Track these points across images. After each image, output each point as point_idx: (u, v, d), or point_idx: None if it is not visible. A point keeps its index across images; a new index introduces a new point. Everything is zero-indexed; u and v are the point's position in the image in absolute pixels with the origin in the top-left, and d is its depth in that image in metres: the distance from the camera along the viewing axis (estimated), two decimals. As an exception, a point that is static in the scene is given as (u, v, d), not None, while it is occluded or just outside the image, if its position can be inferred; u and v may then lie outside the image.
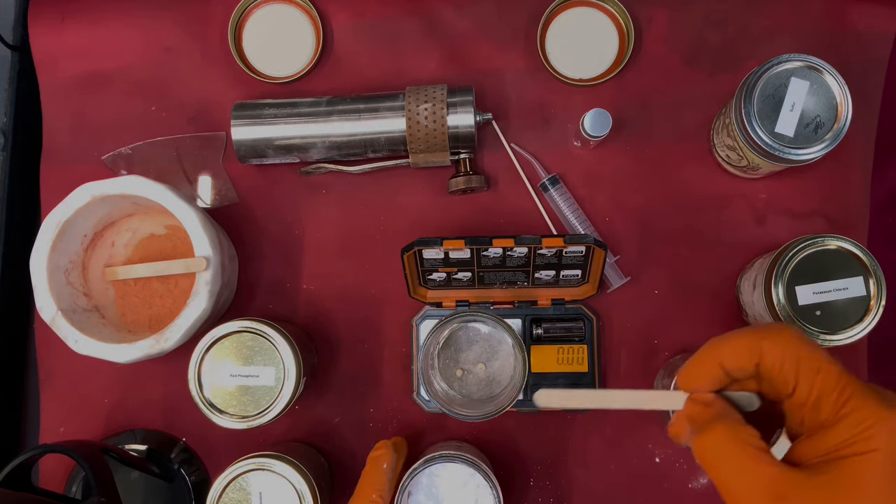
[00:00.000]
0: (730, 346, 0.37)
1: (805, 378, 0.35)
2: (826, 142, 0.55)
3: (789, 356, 0.36)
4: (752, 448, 0.35)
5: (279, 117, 0.63)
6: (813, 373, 0.35)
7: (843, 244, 0.54)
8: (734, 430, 0.36)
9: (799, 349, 0.36)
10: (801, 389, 0.35)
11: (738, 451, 0.35)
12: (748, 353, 0.36)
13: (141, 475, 0.61)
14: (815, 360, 0.35)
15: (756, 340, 0.36)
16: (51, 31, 0.68)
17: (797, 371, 0.35)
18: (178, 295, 0.63)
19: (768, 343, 0.36)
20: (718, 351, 0.37)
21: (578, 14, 0.66)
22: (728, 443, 0.35)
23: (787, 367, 0.36)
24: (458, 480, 0.55)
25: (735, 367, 0.37)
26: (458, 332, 0.61)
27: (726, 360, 0.37)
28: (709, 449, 0.36)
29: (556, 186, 0.65)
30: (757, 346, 0.36)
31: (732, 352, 0.37)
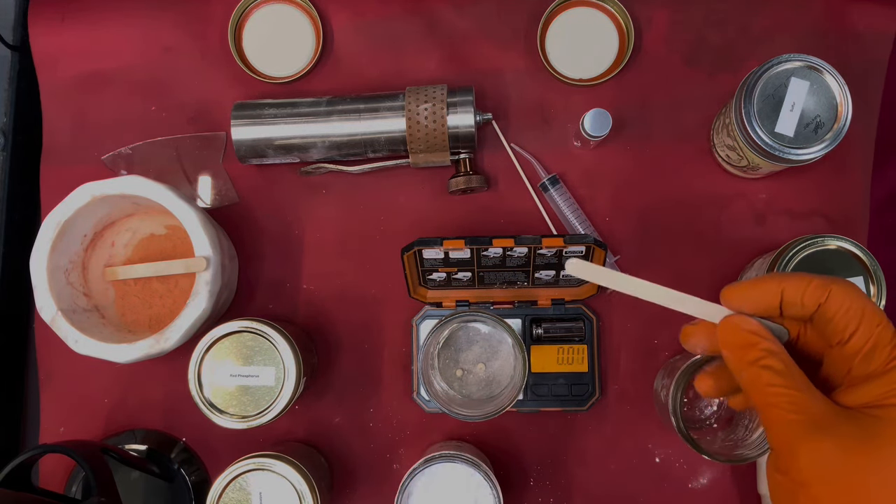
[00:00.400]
0: (799, 279, 0.37)
1: (866, 327, 0.36)
2: (826, 142, 0.55)
3: (856, 304, 0.36)
4: (804, 380, 0.36)
5: (279, 117, 0.63)
6: (874, 324, 0.36)
7: (843, 244, 0.54)
8: (789, 365, 0.36)
9: (865, 301, 0.37)
10: (858, 337, 0.36)
11: (791, 383, 0.35)
12: (818, 290, 0.37)
13: (141, 475, 0.61)
14: (878, 315, 0.36)
15: (827, 282, 0.37)
16: (51, 31, 0.68)
17: (860, 319, 0.36)
18: (178, 295, 0.63)
19: (839, 287, 0.37)
20: (785, 280, 0.37)
21: (578, 14, 0.66)
22: (784, 375, 0.36)
23: (852, 314, 0.36)
24: (458, 480, 0.55)
25: (796, 300, 0.37)
26: (458, 332, 0.61)
27: (790, 290, 0.37)
28: (765, 381, 0.36)
29: (556, 186, 0.65)
30: (827, 287, 0.37)
31: (800, 285, 0.37)
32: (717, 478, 0.63)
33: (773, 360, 0.36)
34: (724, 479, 0.63)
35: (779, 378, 0.36)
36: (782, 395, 0.35)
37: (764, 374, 0.36)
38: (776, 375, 0.36)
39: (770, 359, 0.36)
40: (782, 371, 0.36)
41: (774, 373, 0.36)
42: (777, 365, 0.36)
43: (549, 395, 0.63)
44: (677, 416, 0.54)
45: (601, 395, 0.64)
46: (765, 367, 0.36)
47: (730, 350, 0.38)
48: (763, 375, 0.36)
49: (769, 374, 0.36)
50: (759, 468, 0.62)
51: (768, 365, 0.36)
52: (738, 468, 0.63)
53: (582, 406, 0.63)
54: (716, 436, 0.58)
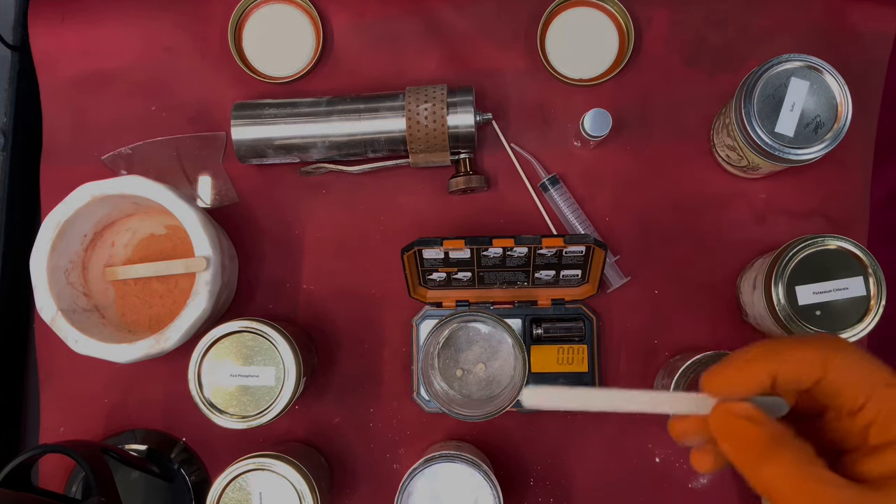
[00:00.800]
0: (790, 356, 0.34)
1: (877, 395, 0.33)
2: (826, 142, 0.55)
3: (860, 372, 0.33)
4: (823, 471, 0.32)
5: (279, 117, 0.63)
6: (883, 388, 0.33)
7: (843, 244, 0.54)
8: (801, 454, 0.32)
9: (868, 365, 0.33)
10: (870, 407, 0.33)
11: (810, 477, 0.32)
12: (815, 365, 0.33)
13: (141, 475, 0.61)
14: (884, 375, 0.33)
15: (822, 354, 0.33)
16: (51, 31, 0.68)
17: (868, 389, 0.33)
18: (178, 295, 0.63)
19: (837, 359, 0.33)
20: (775, 360, 0.34)
21: (578, 14, 0.66)
22: (799, 470, 0.32)
23: (858, 384, 0.33)
24: (458, 480, 0.55)
25: (792, 379, 0.34)
26: (458, 332, 0.61)
27: (783, 370, 0.34)
28: (778, 479, 0.32)
29: (556, 186, 0.65)
30: (823, 360, 0.33)
31: (793, 363, 0.33)
32: (717, 478, 0.63)
33: (780, 452, 0.32)
34: (724, 479, 0.63)
35: (792, 473, 0.32)
36: (800, 493, 0.31)
37: (774, 470, 0.32)
38: (788, 470, 0.32)
39: (776, 450, 0.32)
40: (794, 464, 0.32)
41: (785, 467, 0.32)
42: (786, 456, 0.32)
43: (549, 395, 0.63)
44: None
45: (601, 395, 0.63)
46: (773, 462, 0.32)
47: (728, 443, 0.34)
48: (773, 472, 0.32)
49: (780, 470, 0.32)
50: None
51: (776, 459, 0.32)
52: (738, 468, 0.63)
53: (582, 406, 0.63)
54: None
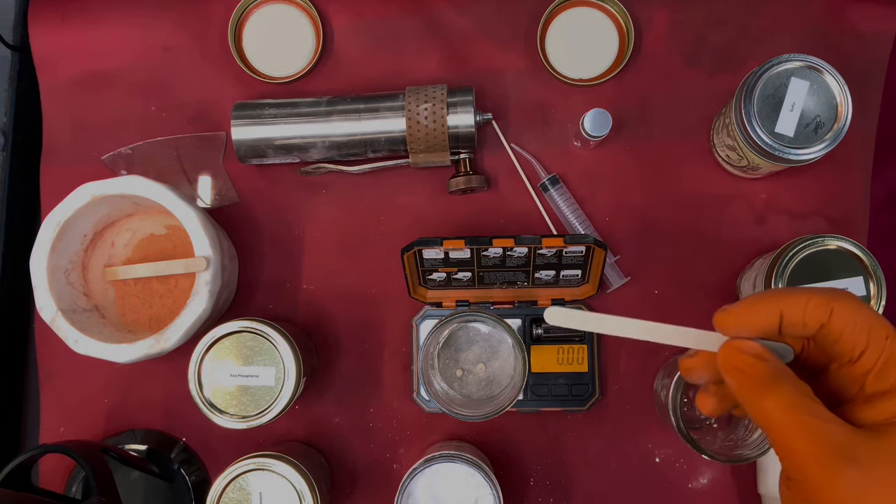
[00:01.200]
0: (797, 299, 0.35)
1: (875, 344, 0.34)
2: (826, 142, 0.55)
3: (861, 320, 0.34)
4: (819, 407, 0.33)
5: (279, 117, 0.63)
6: (882, 339, 0.34)
7: (843, 244, 0.54)
8: (798, 389, 0.34)
9: (870, 315, 0.35)
10: (869, 355, 0.34)
11: (806, 410, 0.33)
12: (819, 309, 0.34)
13: (141, 475, 0.61)
14: (885, 328, 0.34)
15: (828, 299, 0.34)
16: (51, 31, 0.68)
17: (868, 336, 0.34)
18: (178, 295, 0.63)
19: (841, 304, 0.34)
20: (782, 300, 0.35)
21: (578, 14, 0.66)
22: (796, 402, 0.33)
23: (859, 332, 0.34)
24: (458, 480, 0.55)
25: (797, 321, 0.35)
26: (458, 332, 0.61)
27: (789, 311, 0.35)
28: (774, 411, 0.33)
29: (556, 186, 0.65)
30: (828, 305, 0.34)
31: (799, 305, 0.35)
32: (717, 478, 0.63)
33: (781, 386, 0.34)
34: (724, 479, 0.63)
35: (790, 405, 0.33)
36: (796, 423, 0.33)
37: (773, 401, 0.34)
38: (786, 402, 0.33)
39: (777, 384, 0.34)
40: (792, 397, 0.34)
41: (784, 399, 0.34)
42: (786, 390, 0.34)
43: (549, 395, 0.63)
44: (677, 416, 0.54)
45: (601, 395, 0.64)
46: (773, 394, 0.34)
47: (733, 377, 0.35)
48: (772, 403, 0.34)
49: (779, 402, 0.34)
50: (759, 468, 0.62)
51: (776, 391, 0.34)
52: (738, 468, 0.63)
53: (582, 406, 0.63)
54: (716, 436, 0.58)
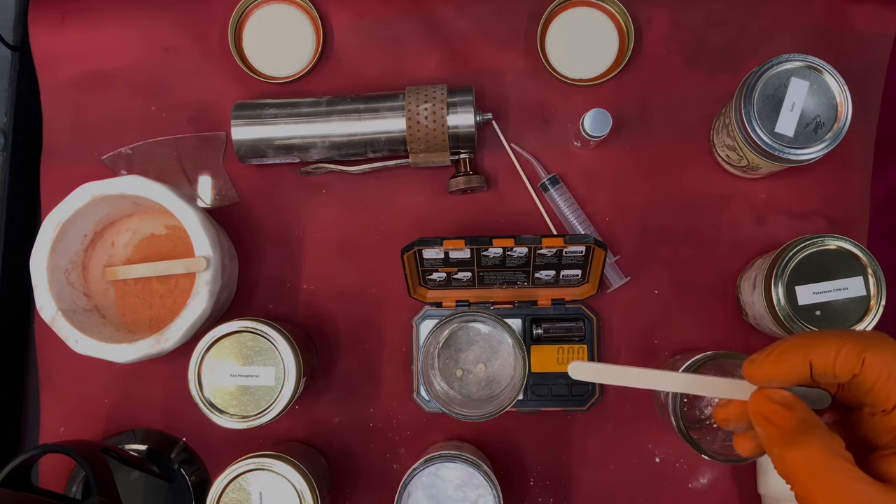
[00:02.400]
0: (828, 348, 0.33)
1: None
2: (826, 142, 0.55)
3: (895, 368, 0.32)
4: (847, 464, 0.32)
5: (279, 117, 0.63)
6: None
7: (843, 244, 0.54)
8: (829, 443, 0.32)
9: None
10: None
11: (834, 468, 0.32)
12: (850, 360, 0.33)
13: (141, 475, 0.61)
14: None
15: (860, 348, 0.33)
16: (51, 31, 0.68)
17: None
18: (178, 295, 0.63)
19: (874, 354, 0.33)
20: (812, 349, 0.34)
21: (578, 14, 0.66)
22: (824, 458, 0.32)
23: (893, 384, 0.32)
24: (458, 480, 0.55)
25: (828, 370, 0.33)
26: (458, 332, 0.61)
27: (820, 361, 0.33)
28: (802, 465, 0.32)
29: (556, 186, 0.65)
30: (860, 355, 0.33)
31: (830, 354, 0.33)
32: (717, 478, 0.63)
33: (809, 438, 0.32)
34: (724, 479, 0.63)
35: (816, 460, 0.32)
36: (821, 481, 0.31)
37: (799, 455, 0.32)
38: (813, 457, 0.32)
39: (805, 437, 0.32)
40: (820, 451, 0.32)
41: (811, 453, 0.32)
42: (814, 443, 0.32)
43: (549, 395, 0.63)
44: (677, 416, 0.54)
45: (601, 395, 0.64)
46: (800, 447, 0.32)
47: (762, 426, 0.34)
48: (798, 457, 0.32)
49: (805, 456, 0.32)
50: (759, 468, 0.62)
51: (803, 444, 0.32)
52: (738, 468, 0.63)
53: (582, 406, 0.63)
54: (716, 436, 0.58)
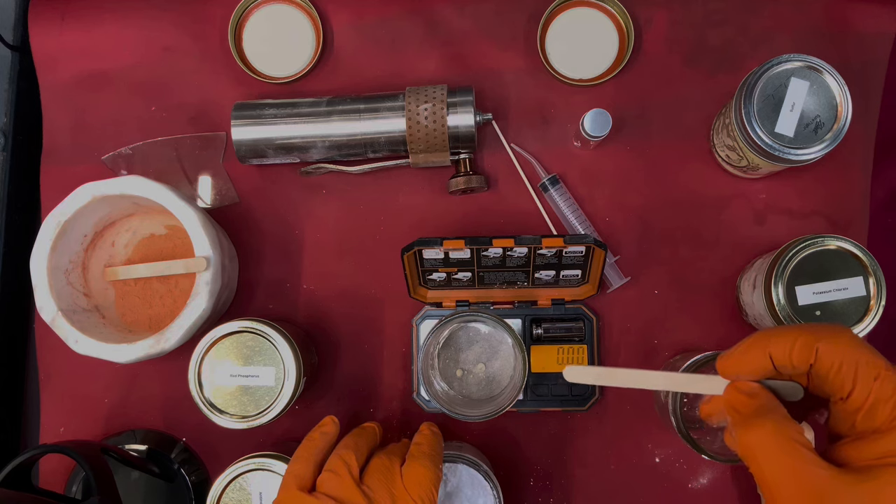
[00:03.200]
0: (784, 341, 0.36)
1: (863, 384, 0.34)
2: (826, 142, 0.55)
3: (848, 360, 0.35)
4: (800, 446, 0.34)
5: (279, 117, 0.63)
6: (871, 379, 0.34)
7: (843, 244, 0.54)
8: (782, 426, 0.35)
9: (858, 354, 0.35)
10: (857, 395, 0.35)
11: (786, 448, 0.34)
12: (804, 351, 0.35)
13: (141, 475, 0.61)
14: (874, 367, 0.35)
15: (813, 340, 0.35)
16: (51, 31, 0.68)
17: (855, 376, 0.35)
18: (178, 295, 0.63)
19: (826, 345, 0.35)
20: (770, 343, 0.36)
21: (578, 14, 0.66)
22: (776, 440, 0.34)
23: (845, 372, 0.35)
24: (458, 480, 0.55)
25: (786, 362, 0.36)
26: (458, 332, 0.61)
27: (777, 353, 0.36)
28: (756, 445, 0.35)
29: (556, 186, 0.65)
30: (813, 346, 0.35)
31: (786, 347, 0.36)
32: (717, 478, 0.63)
33: (765, 422, 0.35)
34: (724, 479, 0.63)
35: (772, 442, 0.34)
36: (776, 461, 0.34)
37: (755, 436, 0.35)
38: (769, 439, 0.34)
39: (762, 420, 0.35)
40: (775, 434, 0.34)
41: (767, 436, 0.34)
42: (769, 427, 0.34)
43: (549, 395, 0.63)
44: (677, 416, 0.54)
45: (601, 395, 0.64)
46: (757, 429, 0.35)
47: (729, 414, 0.37)
48: (754, 438, 0.35)
49: (761, 438, 0.35)
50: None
51: (760, 427, 0.35)
52: (739, 468, 0.63)
53: (582, 406, 0.63)
54: (716, 436, 0.58)
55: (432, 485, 0.49)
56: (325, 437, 0.52)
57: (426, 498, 0.49)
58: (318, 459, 0.50)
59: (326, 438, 0.52)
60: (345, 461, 0.49)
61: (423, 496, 0.48)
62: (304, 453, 0.50)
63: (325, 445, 0.51)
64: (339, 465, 0.48)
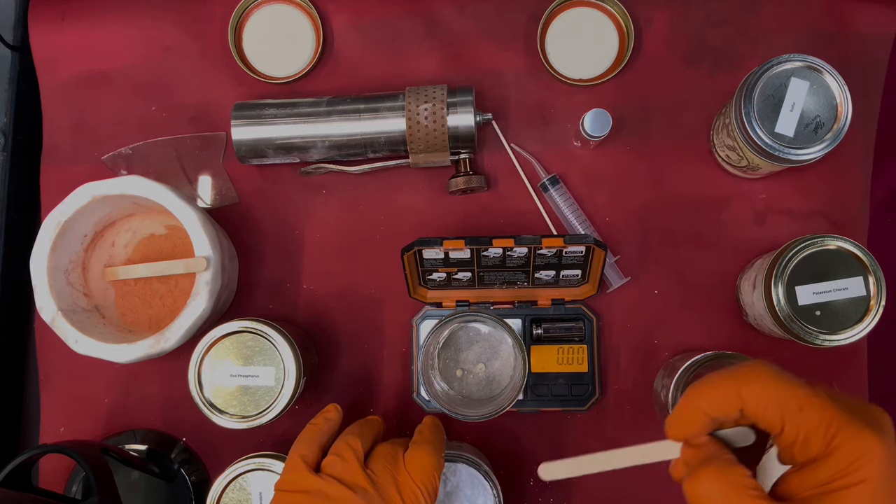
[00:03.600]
0: (710, 394, 0.37)
1: (790, 418, 0.35)
2: (826, 142, 0.55)
3: (771, 398, 0.35)
4: (741, 487, 0.35)
5: (279, 117, 0.63)
6: (796, 411, 0.35)
7: (843, 244, 0.54)
8: (723, 471, 0.36)
9: (779, 390, 0.35)
10: (788, 430, 0.35)
11: (727, 492, 0.35)
12: (729, 399, 0.36)
13: (141, 475, 0.61)
14: (797, 399, 0.35)
15: (735, 388, 0.36)
16: (51, 31, 0.68)
17: (781, 413, 0.35)
18: (178, 295, 0.63)
19: (747, 389, 0.36)
20: (699, 398, 0.37)
21: (578, 14, 0.66)
22: (718, 485, 0.35)
23: (771, 411, 0.35)
24: (458, 480, 0.55)
25: (718, 413, 0.37)
26: (458, 332, 0.61)
27: (707, 407, 0.37)
28: (700, 493, 0.35)
29: (556, 186, 0.65)
30: (737, 394, 0.36)
31: (713, 401, 0.37)
32: (717, 478, 0.63)
33: (707, 469, 0.36)
34: (724, 479, 0.63)
35: (712, 487, 0.35)
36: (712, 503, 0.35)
37: (695, 485, 0.36)
38: (708, 485, 0.35)
39: (704, 468, 0.36)
40: (713, 478, 0.35)
41: (706, 482, 0.35)
42: (709, 473, 0.35)
43: (549, 395, 0.63)
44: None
45: (601, 395, 0.64)
46: (698, 478, 0.36)
47: (683, 469, 0.38)
48: (695, 487, 0.36)
49: (701, 485, 0.35)
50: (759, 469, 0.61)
51: (702, 474, 0.36)
52: (738, 468, 0.63)
53: (582, 406, 0.63)
54: (716, 436, 0.58)
55: (435, 470, 0.51)
56: (329, 423, 0.53)
57: (428, 483, 0.50)
58: (322, 443, 0.51)
59: (330, 424, 0.53)
60: (350, 446, 0.50)
61: (425, 481, 0.50)
62: (309, 437, 0.51)
63: (329, 431, 0.53)
64: (344, 449, 0.50)
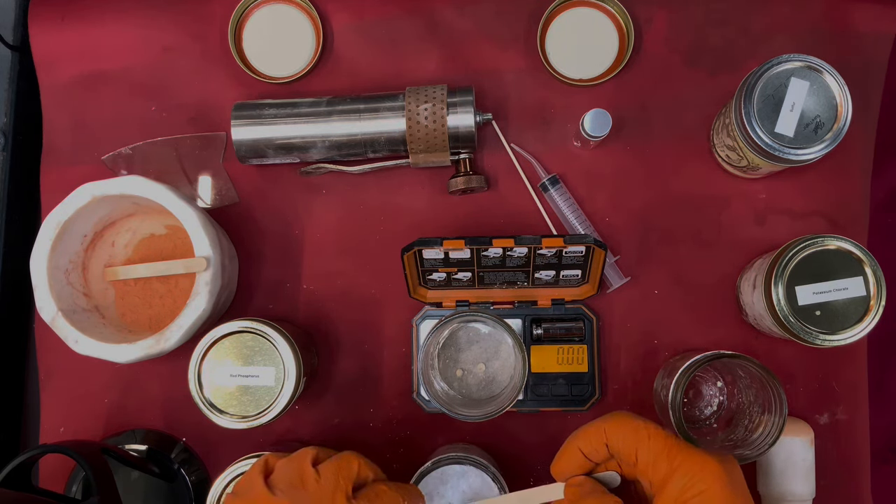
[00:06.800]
0: (584, 435, 0.49)
1: (642, 445, 0.47)
2: (826, 142, 0.55)
3: (627, 431, 0.47)
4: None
5: (279, 117, 0.63)
6: (646, 439, 0.47)
7: (843, 244, 0.54)
8: (601, 500, 0.46)
9: (632, 424, 0.48)
10: (641, 455, 0.47)
11: None
12: (596, 437, 0.48)
13: (141, 475, 0.61)
14: (646, 430, 0.47)
15: (601, 427, 0.48)
16: (51, 31, 0.68)
17: (636, 441, 0.47)
18: (178, 295, 0.63)
19: (610, 426, 0.48)
20: (577, 440, 0.49)
21: (578, 14, 0.66)
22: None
23: (628, 441, 0.47)
24: (467, 482, 0.55)
25: (591, 450, 0.49)
26: (458, 332, 0.61)
27: (583, 446, 0.49)
28: None
29: (556, 186, 0.65)
30: (602, 431, 0.48)
31: (585, 439, 0.49)
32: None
33: (590, 502, 0.47)
34: (724, 479, 0.63)
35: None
36: None
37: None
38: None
39: (588, 501, 0.47)
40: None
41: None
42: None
43: (549, 395, 0.63)
44: (677, 416, 0.54)
45: (601, 396, 0.64)
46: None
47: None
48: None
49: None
50: (759, 468, 0.62)
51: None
52: (738, 468, 0.63)
53: (582, 406, 0.63)
54: (716, 436, 0.58)
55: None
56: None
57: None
58: None
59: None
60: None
61: None
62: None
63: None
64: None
